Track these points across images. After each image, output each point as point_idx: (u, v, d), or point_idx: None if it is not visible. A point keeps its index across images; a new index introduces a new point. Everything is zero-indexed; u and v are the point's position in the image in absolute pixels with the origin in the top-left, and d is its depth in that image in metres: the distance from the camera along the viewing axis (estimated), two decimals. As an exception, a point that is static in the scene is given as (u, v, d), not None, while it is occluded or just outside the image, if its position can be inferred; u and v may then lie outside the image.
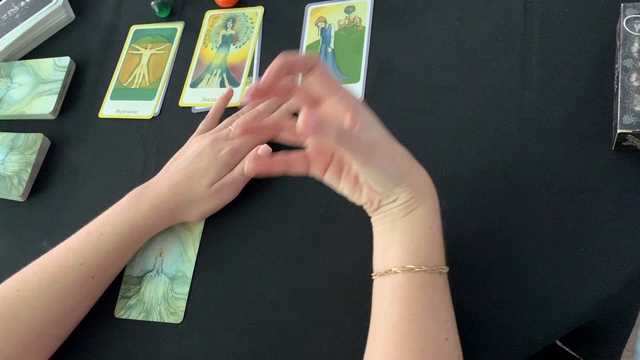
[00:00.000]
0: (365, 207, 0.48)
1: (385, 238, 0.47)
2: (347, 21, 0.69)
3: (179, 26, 0.78)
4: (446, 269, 0.46)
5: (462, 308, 0.49)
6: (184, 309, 0.57)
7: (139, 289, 0.60)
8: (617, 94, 0.51)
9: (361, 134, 0.43)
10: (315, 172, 0.48)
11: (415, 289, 0.44)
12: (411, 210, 0.46)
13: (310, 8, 0.72)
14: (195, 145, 0.61)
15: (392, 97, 0.62)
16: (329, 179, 0.48)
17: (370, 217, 0.48)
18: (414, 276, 0.44)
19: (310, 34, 0.70)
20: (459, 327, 0.45)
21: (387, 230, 0.46)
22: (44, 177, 0.71)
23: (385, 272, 0.45)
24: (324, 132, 0.39)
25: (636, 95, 0.50)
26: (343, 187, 0.48)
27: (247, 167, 0.47)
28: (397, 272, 0.45)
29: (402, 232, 0.46)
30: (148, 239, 0.60)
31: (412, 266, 0.44)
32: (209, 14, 0.77)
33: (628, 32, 0.53)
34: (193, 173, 0.59)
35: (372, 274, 0.47)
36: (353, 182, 0.47)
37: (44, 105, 0.75)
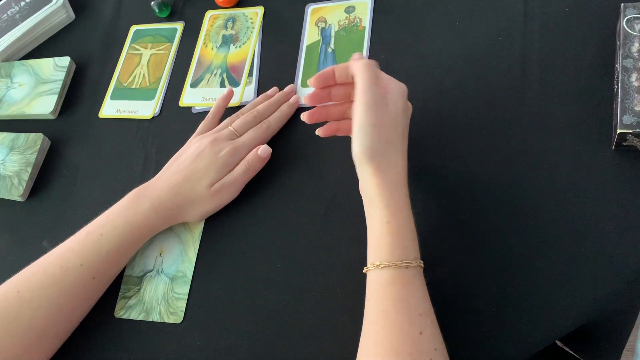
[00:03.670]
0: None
1: (368, 233, 0.50)
2: (347, 21, 0.69)
3: (179, 26, 0.78)
4: (414, 263, 0.46)
5: (463, 308, 0.49)
6: (184, 309, 0.57)
7: (139, 289, 0.60)
8: (617, 94, 0.51)
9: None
10: None
11: (385, 284, 0.45)
12: (369, 201, 0.49)
13: (310, 8, 0.72)
14: (196, 146, 0.61)
15: (392, 97, 0.62)
16: None
17: None
18: (381, 272, 0.46)
19: (310, 34, 0.70)
20: (459, 326, 0.45)
21: (367, 224, 0.50)
22: (44, 177, 0.71)
23: (366, 269, 0.47)
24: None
25: (636, 95, 0.50)
26: None
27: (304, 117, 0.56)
28: (369, 269, 0.47)
29: (370, 228, 0.48)
30: (148, 239, 0.60)
31: (378, 262, 0.46)
32: (209, 14, 0.77)
33: (628, 32, 0.53)
34: (193, 173, 0.59)
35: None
36: None
37: (44, 105, 0.75)
